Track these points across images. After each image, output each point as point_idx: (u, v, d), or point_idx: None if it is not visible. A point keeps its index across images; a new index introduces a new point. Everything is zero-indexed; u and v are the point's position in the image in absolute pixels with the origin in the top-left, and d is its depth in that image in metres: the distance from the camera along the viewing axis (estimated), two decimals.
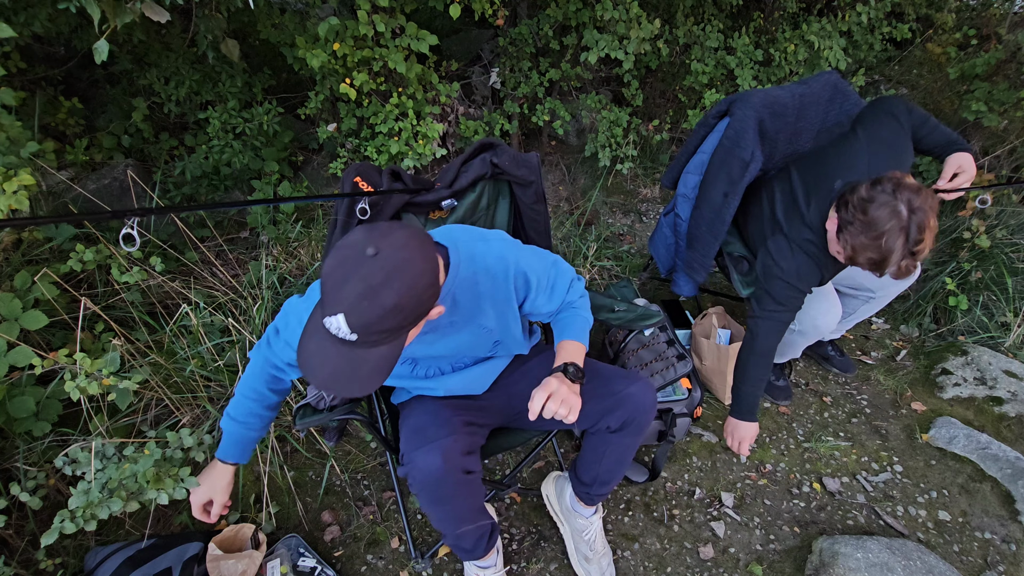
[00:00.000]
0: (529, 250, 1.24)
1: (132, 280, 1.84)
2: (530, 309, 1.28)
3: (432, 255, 0.92)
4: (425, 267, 0.89)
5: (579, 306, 1.32)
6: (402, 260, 0.86)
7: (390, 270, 0.84)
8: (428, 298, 0.91)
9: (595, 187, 3.10)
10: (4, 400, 1.61)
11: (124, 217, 1.06)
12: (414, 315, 0.90)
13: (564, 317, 1.30)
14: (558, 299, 1.28)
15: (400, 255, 0.86)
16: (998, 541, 1.66)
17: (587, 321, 1.31)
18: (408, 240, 0.88)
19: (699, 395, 1.87)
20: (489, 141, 1.58)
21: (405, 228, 0.91)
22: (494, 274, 1.16)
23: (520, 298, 1.23)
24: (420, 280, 0.88)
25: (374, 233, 0.87)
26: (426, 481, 1.16)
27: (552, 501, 1.67)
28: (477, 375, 1.34)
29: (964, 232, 2.47)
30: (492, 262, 1.16)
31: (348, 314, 0.84)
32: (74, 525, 1.35)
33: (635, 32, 2.40)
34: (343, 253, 0.86)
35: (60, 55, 3.07)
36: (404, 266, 0.86)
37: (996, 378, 2.10)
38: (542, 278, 1.23)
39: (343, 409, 1.28)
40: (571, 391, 1.13)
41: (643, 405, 1.27)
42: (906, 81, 3.11)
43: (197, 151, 2.83)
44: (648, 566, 1.61)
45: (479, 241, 1.16)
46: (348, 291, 0.83)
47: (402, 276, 0.85)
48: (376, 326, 0.86)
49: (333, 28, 2.18)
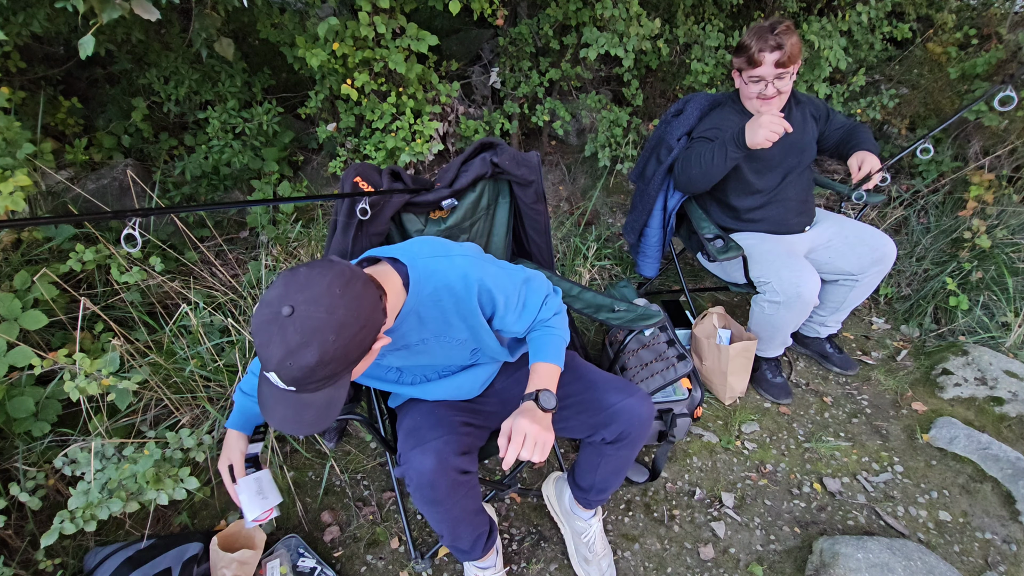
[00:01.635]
0: (497, 267, 1.19)
1: (132, 280, 1.83)
2: (500, 326, 1.23)
3: (359, 297, 0.88)
4: (347, 317, 0.85)
5: (554, 324, 1.25)
6: (318, 319, 0.83)
7: (306, 331, 0.83)
8: (359, 342, 0.88)
9: (595, 187, 3.10)
10: (4, 400, 1.61)
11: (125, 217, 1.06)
12: (346, 362, 0.88)
13: (537, 337, 1.24)
14: (529, 317, 1.22)
15: (316, 312, 0.84)
16: (999, 541, 1.65)
17: (562, 340, 1.24)
18: (328, 289, 0.85)
19: (699, 395, 1.87)
20: (489, 140, 1.58)
21: (326, 274, 0.87)
22: (456, 291, 1.12)
23: (487, 314, 1.19)
24: (343, 332, 0.85)
25: (291, 287, 0.85)
26: (420, 482, 1.15)
27: (552, 502, 1.67)
28: (464, 381, 1.34)
29: (964, 232, 2.47)
30: (454, 279, 1.11)
31: (278, 372, 0.85)
32: (74, 525, 1.35)
33: (635, 30, 2.40)
34: (263, 313, 0.85)
35: (60, 55, 3.07)
36: (320, 325, 0.83)
37: (997, 378, 2.10)
38: (510, 296, 1.18)
39: (343, 409, 1.28)
40: (540, 428, 1.07)
41: (638, 419, 1.24)
42: (906, 81, 3.10)
43: (197, 151, 2.83)
44: (648, 566, 1.60)
45: (442, 257, 1.12)
46: (272, 353, 0.84)
47: (320, 334, 0.83)
48: (307, 380, 0.86)
49: (332, 28, 2.18)
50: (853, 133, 2.03)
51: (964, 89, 2.83)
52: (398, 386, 1.32)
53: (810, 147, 2.00)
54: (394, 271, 1.08)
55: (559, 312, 1.28)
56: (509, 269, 1.22)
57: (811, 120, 2.01)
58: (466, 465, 1.19)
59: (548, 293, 1.27)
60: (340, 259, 0.92)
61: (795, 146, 1.95)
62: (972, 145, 2.85)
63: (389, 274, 1.07)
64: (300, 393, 0.90)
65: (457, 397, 1.35)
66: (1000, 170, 2.73)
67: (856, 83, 2.82)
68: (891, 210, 2.86)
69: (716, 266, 2.15)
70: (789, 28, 1.76)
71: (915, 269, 2.59)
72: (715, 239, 1.96)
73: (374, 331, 0.92)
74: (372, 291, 0.92)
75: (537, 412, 1.09)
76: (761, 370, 2.15)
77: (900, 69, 3.16)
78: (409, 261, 1.09)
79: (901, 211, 2.83)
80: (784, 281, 1.85)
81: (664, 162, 2.07)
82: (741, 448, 1.95)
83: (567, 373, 1.33)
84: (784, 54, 1.75)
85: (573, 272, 2.58)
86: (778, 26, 1.76)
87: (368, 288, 0.91)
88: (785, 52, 1.75)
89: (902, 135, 3.02)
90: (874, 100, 2.88)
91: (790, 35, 1.75)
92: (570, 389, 1.31)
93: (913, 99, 2.99)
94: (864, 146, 1.95)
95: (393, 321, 1.08)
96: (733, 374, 2.04)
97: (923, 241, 2.64)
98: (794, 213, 2.03)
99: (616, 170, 3.08)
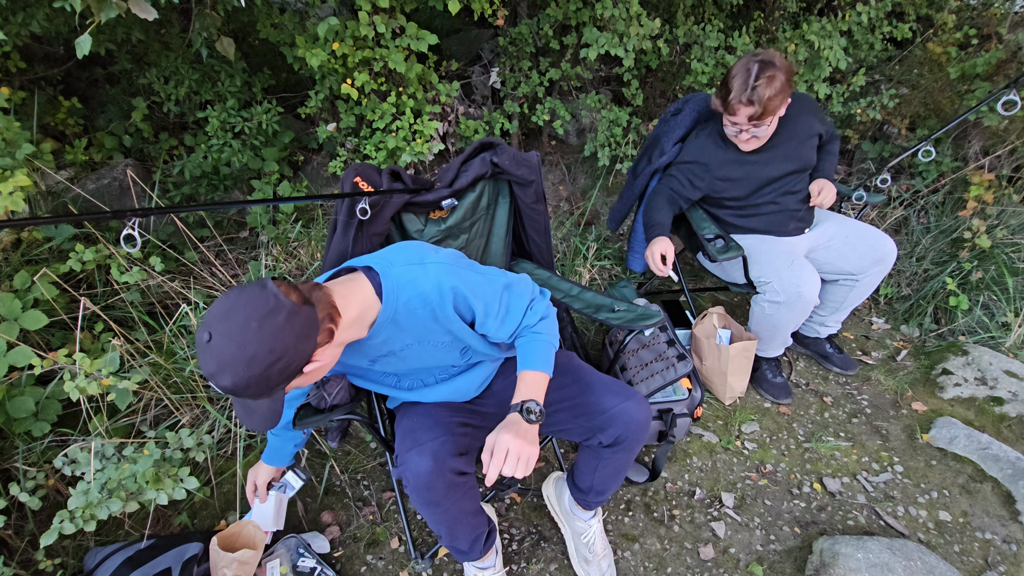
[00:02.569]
0: (476, 272, 1.17)
1: (132, 280, 1.83)
2: (483, 332, 1.21)
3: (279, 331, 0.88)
4: (259, 351, 0.87)
5: (540, 330, 1.22)
6: (229, 353, 0.86)
7: (219, 360, 0.87)
8: (279, 371, 0.90)
9: (595, 187, 3.10)
10: (4, 400, 1.61)
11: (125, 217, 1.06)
12: (267, 386, 0.91)
13: (524, 343, 1.21)
14: (513, 323, 1.19)
15: (228, 346, 0.86)
16: (999, 541, 1.65)
17: (550, 346, 1.21)
18: (245, 323, 0.87)
19: (699, 395, 1.87)
20: (489, 140, 1.58)
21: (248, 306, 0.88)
22: (430, 300, 1.11)
23: (467, 320, 1.18)
24: (254, 365, 0.87)
25: (216, 314, 0.89)
26: (417, 483, 1.15)
27: (553, 502, 1.67)
28: (462, 383, 1.33)
29: (964, 232, 2.47)
30: (428, 288, 1.10)
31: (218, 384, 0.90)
32: (73, 525, 1.35)
33: (635, 29, 2.40)
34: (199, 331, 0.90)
35: (59, 55, 3.07)
36: (230, 359, 0.87)
37: (997, 378, 2.10)
38: (491, 303, 1.15)
39: (343, 410, 1.28)
40: (524, 442, 1.05)
41: (636, 423, 1.23)
42: (906, 81, 3.10)
43: (196, 151, 2.83)
44: (648, 566, 1.60)
45: (416, 265, 1.11)
46: (209, 369, 0.89)
47: (231, 366, 0.87)
48: (236, 393, 0.91)
49: (332, 28, 2.18)
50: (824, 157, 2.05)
51: (964, 89, 2.82)
52: (397, 391, 1.32)
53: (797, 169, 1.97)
54: (368, 281, 1.08)
55: (547, 317, 1.25)
56: (489, 274, 1.19)
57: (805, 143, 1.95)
58: (463, 466, 1.19)
59: (533, 298, 1.24)
60: (272, 286, 0.91)
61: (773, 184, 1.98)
62: (972, 145, 2.85)
63: (360, 286, 1.07)
64: (245, 399, 0.94)
65: (455, 399, 1.35)
66: (1000, 170, 2.73)
67: (856, 83, 2.82)
68: (891, 210, 2.86)
69: (716, 266, 2.15)
70: (772, 78, 1.66)
71: (915, 269, 2.59)
72: (715, 239, 1.96)
73: (298, 360, 0.92)
74: (298, 323, 0.90)
75: (522, 425, 1.08)
76: (761, 370, 2.15)
77: (900, 69, 3.16)
78: (382, 270, 1.09)
79: (901, 211, 2.83)
80: (784, 281, 1.85)
81: (654, 163, 2.09)
82: (741, 448, 1.95)
83: (564, 376, 1.32)
84: (758, 111, 1.70)
85: (573, 272, 2.58)
86: (762, 74, 1.66)
87: (293, 320, 0.90)
88: (759, 108, 1.69)
89: (902, 135, 3.02)
90: (874, 100, 2.88)
91: (771, 85, 1.66)
92: (567, 392, 1.30)
93: (913, 99, 2.99)
94: (827, 173, 2.01)
95: (367, 331, 1.09)
96: (733, 374, 2.04)
97: (923, 241, 2.64)
98: (788, 219, 2.03)
99: (616, 170, 3.08)
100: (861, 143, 3.13)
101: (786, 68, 1.69)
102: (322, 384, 1.54)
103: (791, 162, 1.95)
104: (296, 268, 2.37)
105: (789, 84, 1.71)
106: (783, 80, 1.68)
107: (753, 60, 1.69)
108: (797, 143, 1.93)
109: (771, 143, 1.91)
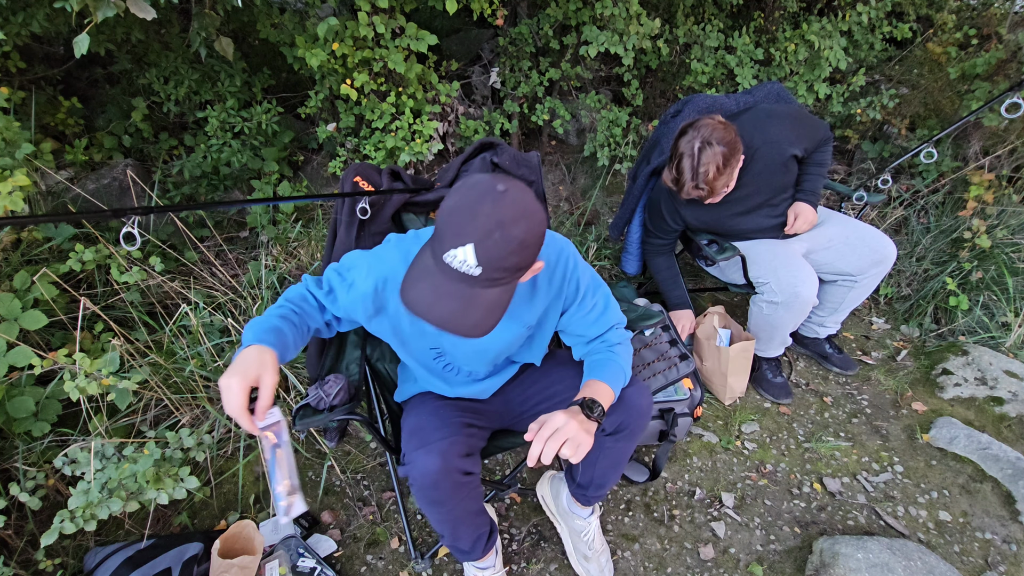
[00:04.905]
0: (587, 265, 1.23)
1: (132, 280, 1.83)
2: (566, 323, 1.24)
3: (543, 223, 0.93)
4: (543, 214, 0.91)
5: (618, 352, 1.23)
6: (529, 202, 0.89)
7: (520, 207, 0.87)
8: (532, 255, 0.92)
9: (595, 187, 3.10)
10: (4, 400, 1.61)
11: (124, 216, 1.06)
12: (530, 258, 0.92)
13: (600, 359, 1.22)
14: (605, 324, 1.24)
15: (527, 196, 0.89)
16: (999, 541, 1.65)
17: (623, 372, 1.21)
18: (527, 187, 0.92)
19: (700, 395, 1.87)
20: (489, 140, 1.58)
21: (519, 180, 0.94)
22: (549, 261, 1.15)
23: (566, 304, 1.21)
24: (542, 224, 0.90)
25: (498, 175, 0.90)
26: (424, 482, 1.15)
27: (548, 502, 1.67)
28: (489, 385, 1.36)
29: (964, 232, 2.47)
30: (551, 249, 1.15)
31: (478, 245, 0.85)
32: (73, 525, 1.35)
33: (635, 28, 2.40)
34: (472, 191, 0.87)
35: (59, 55, 3.07)
36: (531, 208, 0.88)
37: (997, 378, 2.10)
38: (597, 296, 1.22)
39: (343, 410, 1.28)
40: (581, 428, 1.03)
41: (637, 409, 1.24)
42: (906, 81, 3.10)
43: (196, 151, 2.83)
44: (648, 566, 1.60)
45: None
46: (480, 223, 0.85)
47: (530, 215, 0.88)
48: (500, 261, 0.87)
49: (332, 28, 2.18)
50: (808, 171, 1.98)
51: (964, 89, 2.83)
52: (427, 371, 1.32)
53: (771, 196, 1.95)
54: None
55: (623, 343, 1.26)
56: (596, 275, 1.25)
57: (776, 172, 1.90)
58: (469, 466, 1.19)
59: (622, 320, 1.29)
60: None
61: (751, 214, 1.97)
62: (972, 145, 2.85)
63: None
64: (475, 285, 0.90)
65: (476, 397, 1.37)
66: (1000, 170, 2.73)
67: (856, 83, 2.82)
68: (891, 210, 2.86)
69: (715, 267, 2.15)
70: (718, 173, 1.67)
71: (915, 269, 2.59)
72: (710, 244, 1.99)
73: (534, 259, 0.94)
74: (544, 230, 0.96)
75: (581, 415, 1.08)
76: (761, 370, 2.15)
77: (900, 69, 3.16)
78: None
79: (901, 211, 2.83)
80: (782, 281, 1.85)
81: (651, 164, 2.10)
82: (741, 448, 1.95)
83: (567, 367, 1.34)
84: (708, 192, 1.72)
85: None
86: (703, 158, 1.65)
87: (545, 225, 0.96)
88: (708, 190, 1.71)
89: (902, 135, 3.02)
90: (874, 100, 2.88)
91: (714, 165, 1.66)
92: (570, 383, 1.32)
93: (913, 99, 2.99)
94: (808, 191, 1.96)
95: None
96: (733, 374, 2.04)
97: (923, 241, 2.64)
98: (777, 231, 2.04)
99: (615, 170, 3.08)
100: (861, 143, 3.13)
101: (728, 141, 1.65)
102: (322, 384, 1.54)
103: (763, 194, 1.93)
104: (296, 268, 2.37)
105: (735, 150, 1.68)
106: (724, 153, 1.65)
107: (696, 137, 1.66)
108: (768, 175, 1.89)
109: (739, 185, 1.85)
